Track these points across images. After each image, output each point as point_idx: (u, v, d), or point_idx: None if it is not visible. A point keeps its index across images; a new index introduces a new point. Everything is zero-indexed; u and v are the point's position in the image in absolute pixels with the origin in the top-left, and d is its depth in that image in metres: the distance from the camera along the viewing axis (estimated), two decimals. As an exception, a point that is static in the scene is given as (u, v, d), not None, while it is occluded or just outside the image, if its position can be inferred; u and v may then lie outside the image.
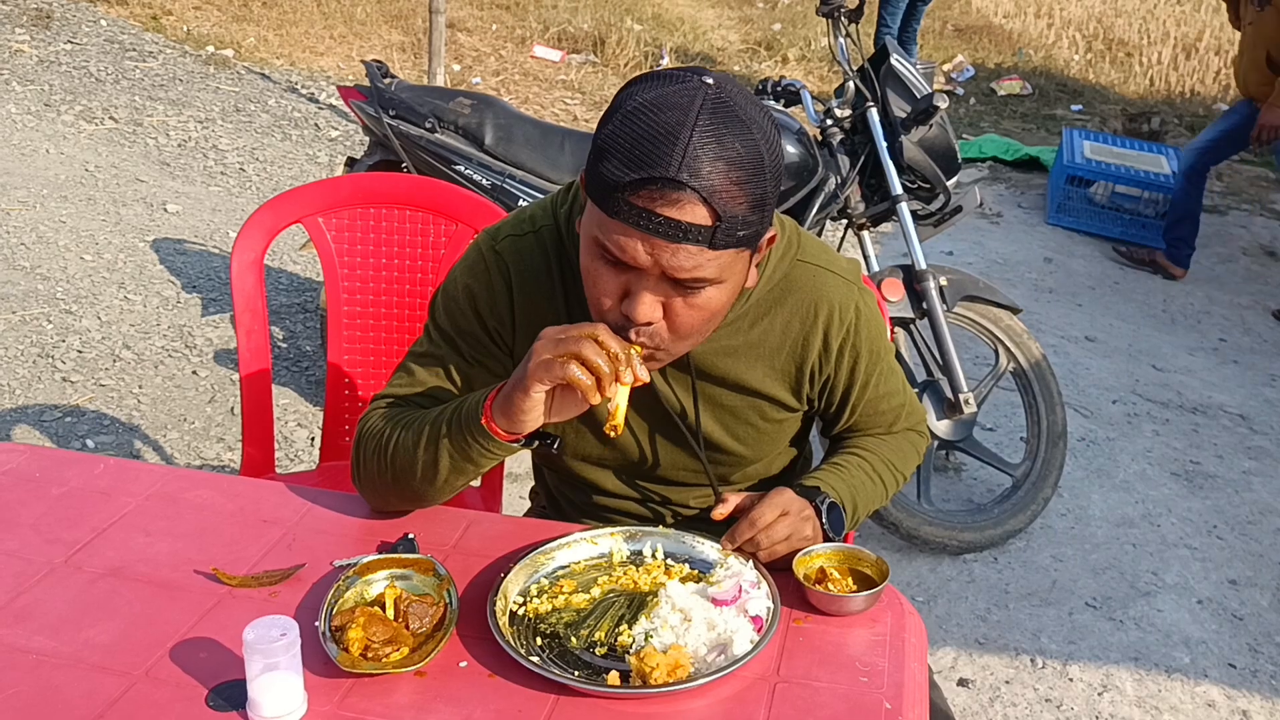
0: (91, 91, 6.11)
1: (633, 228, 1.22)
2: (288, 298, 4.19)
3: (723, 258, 1.25)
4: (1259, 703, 2.63)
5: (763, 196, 1.24)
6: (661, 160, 1.19)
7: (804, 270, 1.49)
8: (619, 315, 1.30)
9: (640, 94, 1.24)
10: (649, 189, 1.20)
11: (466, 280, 1.49)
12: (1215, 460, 3.76)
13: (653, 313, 1.28)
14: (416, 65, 7.08)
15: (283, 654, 1.13)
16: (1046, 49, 9.79)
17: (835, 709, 1.21)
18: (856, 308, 1.51)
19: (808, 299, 1.48)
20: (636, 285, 1.27)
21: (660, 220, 1.20)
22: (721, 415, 1.54)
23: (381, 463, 1.45)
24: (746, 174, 1.21)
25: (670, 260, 1.23)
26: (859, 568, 1.43)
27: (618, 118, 1.23)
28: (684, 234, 1.21)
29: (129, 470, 1.62)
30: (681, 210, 1.20)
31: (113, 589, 1.35)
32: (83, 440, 3.24)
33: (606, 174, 1.22)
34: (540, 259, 1.47)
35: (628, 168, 1.20)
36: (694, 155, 1.19)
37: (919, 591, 2.92)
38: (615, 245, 1.24)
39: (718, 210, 1.20)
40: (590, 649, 1.30)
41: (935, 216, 3.22)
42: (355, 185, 2.30)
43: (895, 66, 3.12)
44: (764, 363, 1.50)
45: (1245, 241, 6.13)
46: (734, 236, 1.24)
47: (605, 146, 1.23)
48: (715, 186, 1.20)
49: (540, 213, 1.50)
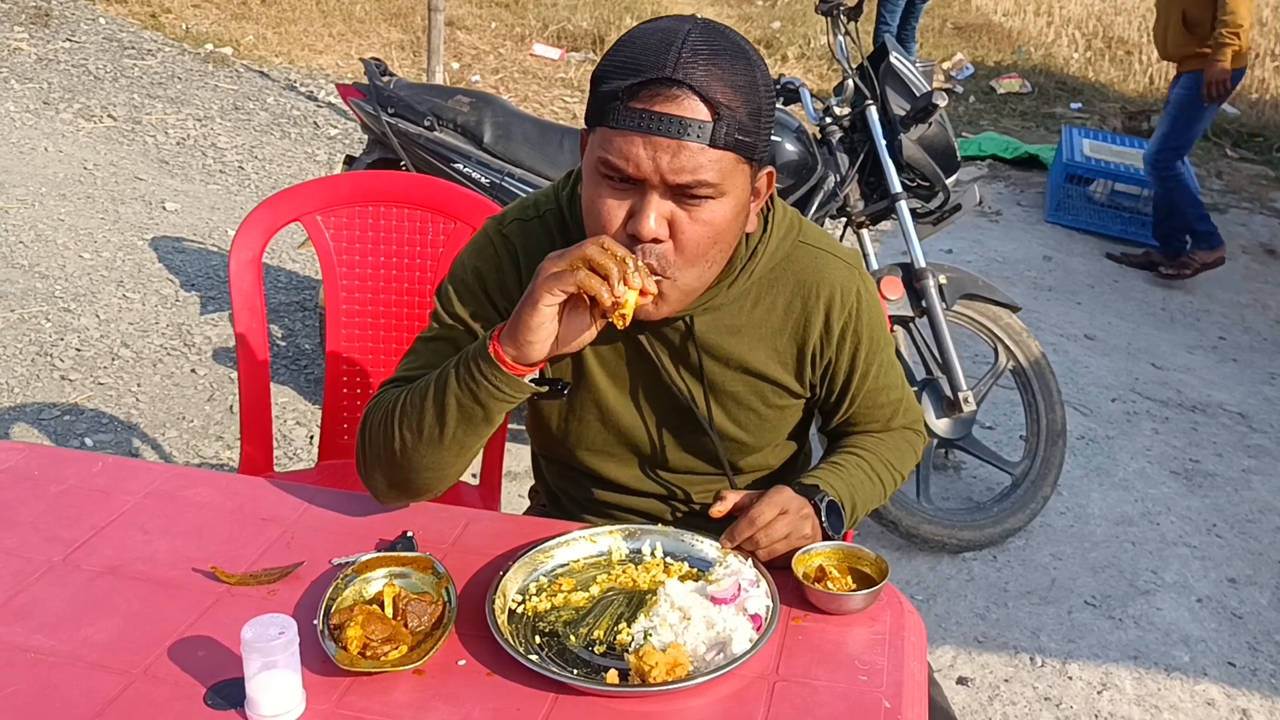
0: (90, 89, 6.10)
1: (634, 131, 1.26)
2: (286, 296, 4.18)
3: (723, 161, 1.28)
4: (1258, 701, 2.63)
5: (758, 109, 1.28)
6: (657, 63, 1.25)
7: (806, 252, 1.51)
8: (624, 238, 1.32)
9: (631, 31, 1.31)
10: (647, 90, 1.25)
11: (475, 263, 1.51)
12: (1214, 459, 3.75)
13: (659, 228, 1.30)
14: (415, 63, 7.07)
15: (281, 652, 1.13)
16: (1046, 47, 9.78)
17: (834, 708, 1.21)
18: (858, 292, 1.52)
19: (810, 280, 1.50)
20: (640, 202, 1.30)
21: (659, 116, 1.25)
22: (723, 400, 1.54)
23: (388, 431, 1.41)
24: (741, 80, 1.27)
25: (671, 162, 1.26)
26: (858, 566, 1.43)
27: (613, 48, 1.31)
28: (684, 128, 1.25)
29: (127, 468, 1.62)
30: (680, 106, 1.25)
31: (111, 587, 1.34)
32: (81, 438, 3.24)
33: (605, 91, 1.28)
34: (546, 241, 1.49)
35: (625, 77, 1.26)
36: (689, 57, 1.25)
37: (918, 590, 2.92)
38: (618, 154, 1.27)
39: (715, 106, 1.25)
40: (589, 647, 1.30)
41: (934, 215, 3.21)
42: (354, 183, 2.30)
43: (894, 64, 3.11)
44: (766, 344, 1.51)
45: (1245, 240, 6.13)
46: (733, 137, 1.27)
47: (602, 73, 1.30)
48: (711, 85, 1.25)
49: (544, 198, 1.53)
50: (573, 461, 1.64)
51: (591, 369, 1.53)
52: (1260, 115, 8.41)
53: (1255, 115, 8.40)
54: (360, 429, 1.49)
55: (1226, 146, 7.78)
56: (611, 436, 1.58)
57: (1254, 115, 8.40)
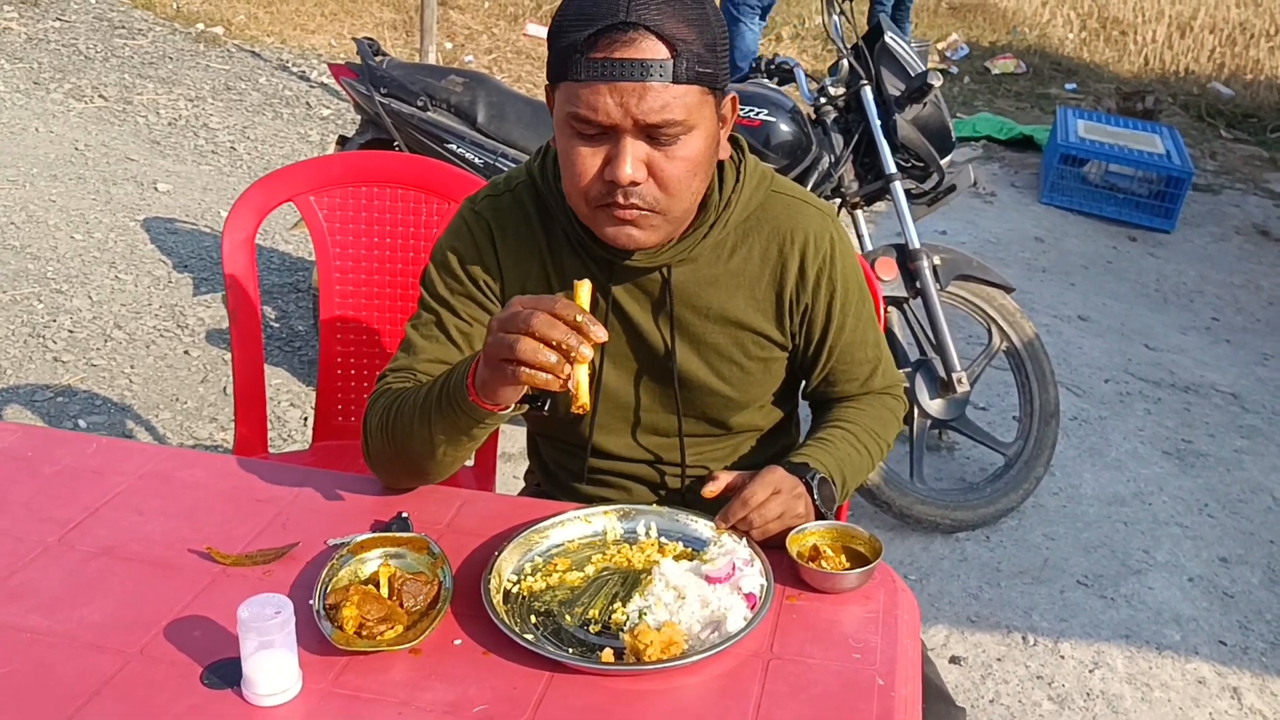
0: (81, 69, 6.07)
1: (598, 81, 1.28)
2: (280, 277, 4.17)
3: (689, 96, 1.30)
4: (1249, 679, 2.64)
5: (713, 40, 1.31)
6: (610, 9, 1.27)
7: (779, 200, 1.54)
8: (603, 186, 1.34)
9: None
10: (604, 39, 1.27)
11: (452, 244, 1.54)
12: (1207, 439, 3.77)
13: (636, 171, 1.32)
14: (408, 43, 7.03)
15: (277, 632, 1.13)
16: (1041, 27, 9.76)
17: (828, 685, 1.22)
18: (832, 238, 1.54)
19: (784, 226, 1.53)
20: (615, 149, 1.32)
21: (620, 63, 1.27)
22: (705, 352, 1.55)
23: (386, 440, 1.47)
24: (693, 14, 1.29)
25: (639, 105, 1.28)
26: (852, 545, 1.44)
27: (562, 3, 1.32)
28: (645, 70, 1.27)
29: (121, 449, 1.62)
30: (638, 48, 1.27)
31: (106, 568, 1.35)
32: (74, 420, 3.23)
33: (564, 44, 1.30)
34: (519, 212, 1.53)
35: (581, 28, 1.27)
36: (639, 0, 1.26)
37: (911, 570, 2.93)
38: (586, 106, 1.29)
39: (672, 43, 1.27)
40: (584, 627, 1.31)
41: (929, 195, 3.21)
42: (347, 164, 2.29)
43: (890, 44, 3.10)
44: (744, 292, 1.53)
45: (1238, 220, 6.13)
46: (694, 71, 1.29)
47: (557, 29, 1.32)
48: (665, 23, 1.27)
49: (515, 173, 1.56)
50: (563, 433, 1.65)
51: None
52: (1255, 96, 8.41)
53: (1249, 96, 8.40)
54: (363, 424, 1.53)
55: (1221, 127, 7.78)
56: (600, 401, 1.59)
57: (1248, 96, 8.40)
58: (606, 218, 1.38)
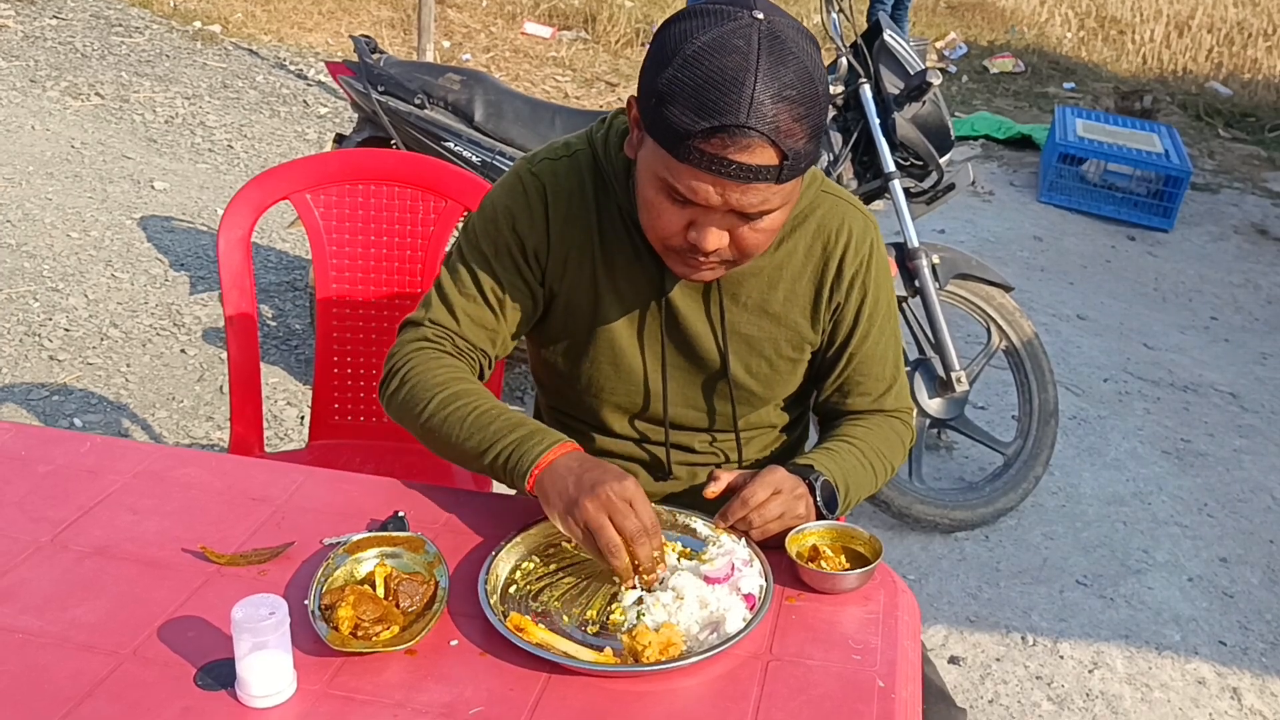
0: (77, 67, 6.05)
1: (705, 172, 1.27)
2: (277, 275, 4.16)
3: (787, 188, 1.31)
4: (1249, 680, 2.64)
5: (818, 125, 1.29)
6: (730, 108, 1.23)
7: (828, 200, 1.54)
8: (684, 242, 1.36)
9: (696, 36, 1.26)
10: (720, 136, 1.24)
11: (505, 201, 1.53)
12: (1206, 438, 3.76)
13: (720, 242, 1.34)
14: (406, 41, 7.02)
15: (271, 633, 1.12)
16: (1039, 26, 9.76)
17: (828, 687, 1.21)
18: (872, 244, 1.56)
19: (831, 225, 1.54)
20: (703, 219, 1.33)
21: (733, 165, 1.26)
22: (738, 344, 1.56)
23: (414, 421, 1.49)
24: (805, 108, 1.26)
25: (741, 199, 1.29)
26: (852, 545, 1.43)
27: (677, 62, 1.26)
28: (755, 175, 1.26)
29: (116, 448, 1.60)
30: (752, 154, 1.25)
31: (100, 568, 1.33)
32: (70, 419, 3.22)
33: (674, 121, 1.26)
34: (575, 180, 1.52)
35: (697, 116, 1.24)
36: (760, 100, 1.23)
37: (910, 569, 2.92)
38: (687, 189, 1.30)
39: (784, 150, 1.25)
40: (582, 627, 1.30)
41: (928, 194, 3.20)
42: (343, 161, 2.28)
43: (888, 43, 3.09)
44: (785, 286, 1.54)
45: (1237, 220, 6.13)
46: (799, 169, 1.30)
47: (668, 92, 1.26)
48: (780, 127, 1.24)
49: (576, 139, 1.56)
50: (578, 410, 1.66)
51: (607, 306, 1.54)
52: (1253, 95, 8.41)
53: (1248, 95, 8.40)
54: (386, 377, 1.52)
55: (1219, 126, 7.78)
56: (620, 382, 1.59)
57: (1246, 95, 8.40)
58: (679, 262, 1.41)
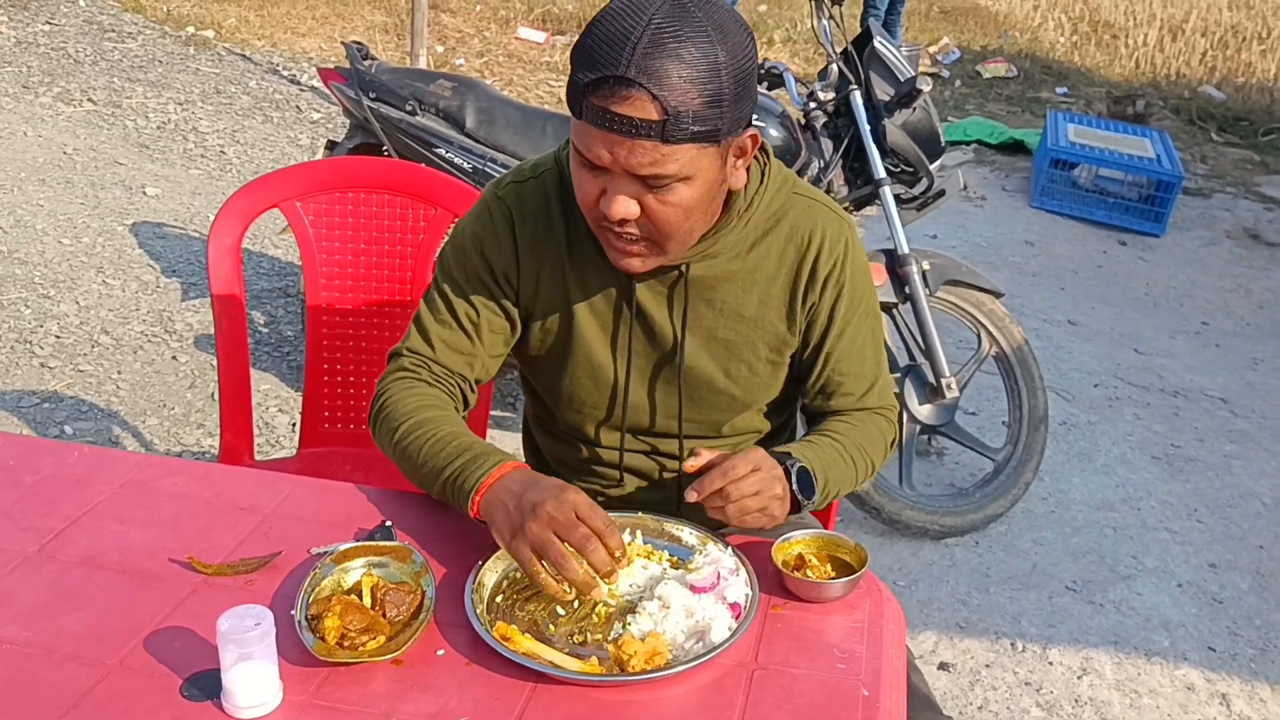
0: (70, 73, 6.05)
1: (594, 126, 1.30)
2: (269, 282, 4.16)
3: (680, 154, 1.30)
4: (1238, 686, 2.64)
5: (718, 94, 1.28)
6: (613, 60, 1.26)
7: (801, 201, 1.55)
8: (599, 213, 1.37)
9: (613, 4, 1.31)
10: (603, 88, 1.27)
11: (474, 227, 1.56)
12: (1196, 444, 3.77)
13: (625, 209, 1.35)
14: (399, 46, 7.02)
15: (257, 644, 1.12)
16: (1032, 31, 9.78)
17: (813, 696, 1.21)
18: (847, 243, 1.55)
19: (803, 226, 1.53)
20: (610, 185, 1.34)
21: (612, 116, 1.27)
22: (716, 349, 1.56)
23: (390, 448, 1.52)
24: (698, 72, 1.26)
25: (628, 157, 1.30)
26: (838, 554, 1.43)
27: (588, 26, 1.31)
28: (634, 129, 1.27)
29: (104, 458, 1.61)
30: (632, 106, 1.26)
31: (86, 578, 1.34)
32: (61, 427, 3.21)
33: (573, 79, 1.30)
34: (541, 200, 1.54)
35: (587, 69, 1.28)
36: (643, 54, 1.25)
37: (900, 576, 2.92)
38: (583, 145, 1.33)
39: (665, 105, 1.26)
40: (569, 636, 1.30)
41: (918, 200, 3.21)
42: (333, 169, 2.29)
43: (878, 49, 3.10)
44: (760, 289, 1.54)
45: (1229, 224, 6.14)
46: (686, 131, 1.28)
47: (574, 55, 1.31)
48: (663, 83, 1.25)
49: (544, 160, 1.58)
50: (565, 427, 1.66)
51: (581, 323, 1.55)
52: (1246, 99, 8.43)
53: (1241, 99, 8.42)
54: (372, 411, 1.56)
55: (1212, 131, 7.80)
56: (602, 396, 1.59)
57: (1240, 99, 8.42)
58: (607, 242, 1.43)
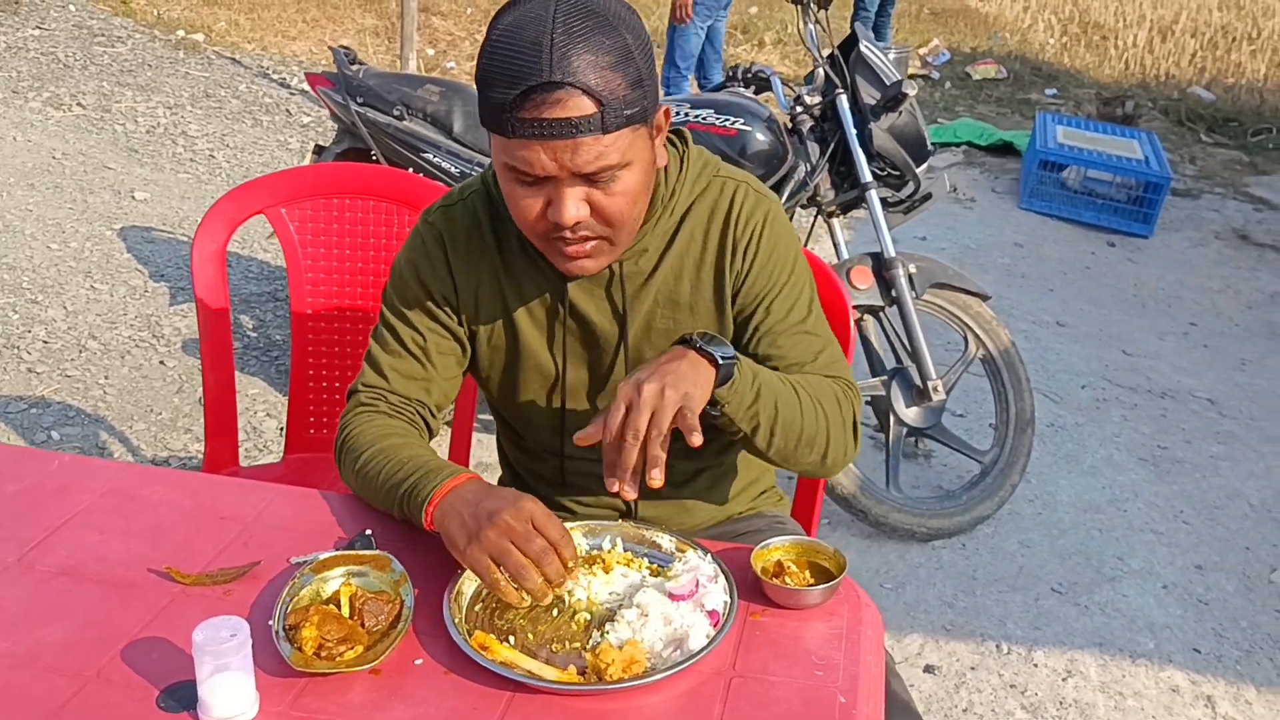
0: (59, 78, 6.04)
1: (531, 140, 1.29)
2: (258, 286, 4.16)
3: (620, 140, 1.32)
4: (1223, 688, 2.65)
5: (638, 76, 1.31)
6: (533, 69, 1.26)
7: (717, 182, 1.56)
8: (548, 225, 1.37)
9: (501, 22, 1.32)
10: (532, 99, 1.27)
11: (408, 256, 1.59)
12: (1183, 445, 3.78)
13: (578, 212, 1.35)
14: (390, 49, 7.03)
15: (233, 655, 1.12)
16: (1022, 32, 9.81)
17: (790, 703, 1.22)
18: (767, 214, 1.54)
19: (720, 204, 1.54)
20: (555, 192, 1.34)
21: (549, 123, 1.28)
22: (657, 339, 1.56)
23: (353, 479, 1.53)
24: (615, 58, 1.29)
25: (573, 158, 1.30)
26: (817, 560, 1.44)
27: (486, 48, 1.32)
28: (575, 128, 1.28)
29: (85, 467, 1.60)
30: (566, 107, 1.27)
31: (66, 588, 1.34)
32: (48, 432, 3.21)
33: (493, 100, 1.30)
34: (471, 220, 1.56)
35: (508, 87, 1.28)
36: (560, 54, 1.26)
37: (887, 579, 2.93)
38: (523, 162, 1.32)
39: (598, 96, 1.27)
40: (547, 645, 1.30)
41: (905, 204, 3.22)
42: (318, 175, 2.29)
43: (865, 53, 3.11)
44: (689, 274, 1.55)
45: (1218, 225, 6.16)
46: (622, 116, 1.30)
47: (484, 78, 1.31)
48: (589, 74, 1.27)
49: (471, 182, 1.60)
50: (531, 439, 1.67)
51: (524, 331, 1.57)
52: (1235, 100, 8.46)
53: (1230, 100, 8.45)
54: (336, 450, 1.57)
55: (1201, 131, 7.83)
56: (559, 404, 1.60)
57: (1228, 100, 8.45)
58: (557, 252, 1.42)
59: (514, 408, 1.64)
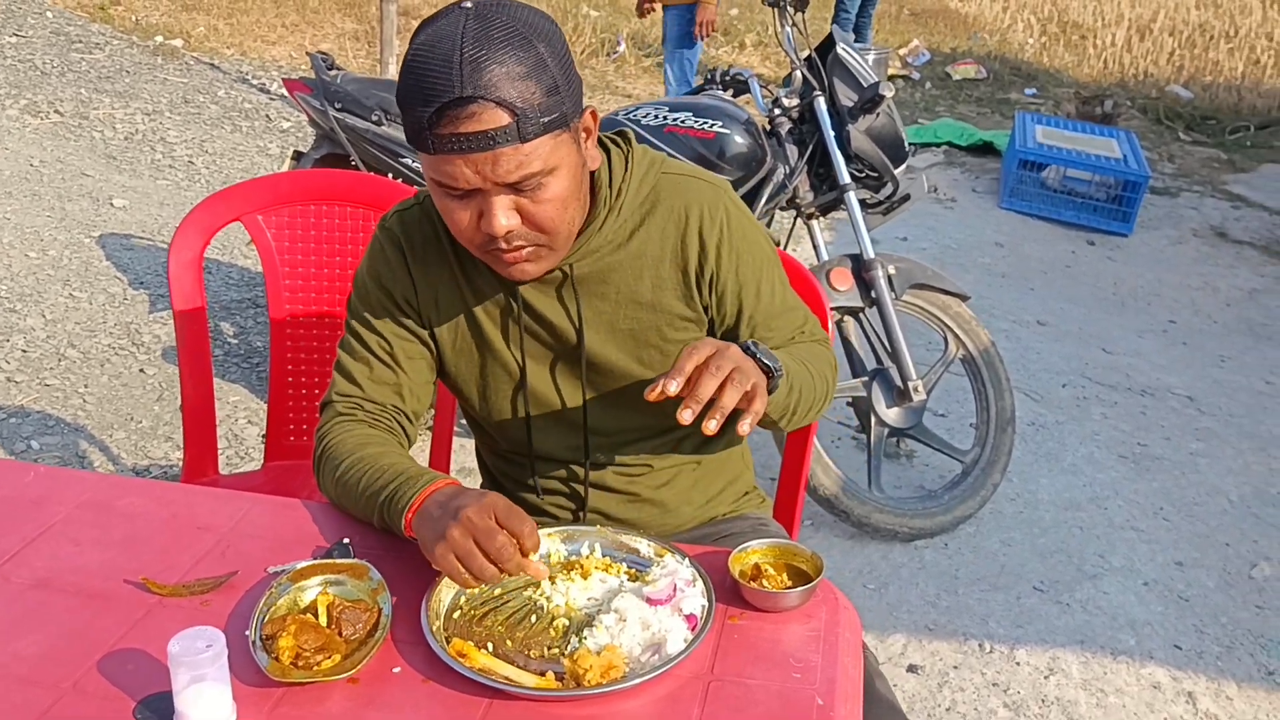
0: (37, 85, 6.01)
1: (452, 154, 1.31)
2: (238, 293, 4.14)
3: (540, 148, 1.33)
4: (1204, 684, 2.67)
5: (553, 83, 1.32)
6: (445, 86, 1.28)
7: (670, 180, 1.56)
8: (483, 236, 1.39)
9: (415, 41, 1.34)
10: (447, 115, 1.29)
11: (368, 264, 1.60)
12: (1163, 442, 3.80)
13: (508, 221, 1.37)
14: (370, 54, 7.02)
15: (209, 666, 1.12)
16: (1002, 32, 9.85)
17: (768, 706, 1.22)
18: (726, 207, 1.55)
19: (678, 204, 1.54)
20: (483, 204, 1.36)
21: (465, 137, 1.29)
22: (621, 338, 1.56)
23: (332, 489, 1.53)
24: (527, 68, 1.30)
25: (494, 170, 1.32)
26: (794, 563, 1.44)
27: (403, 68, 1.34)
28: (492, 140, 1.30)
29: (60, 478, 1.60)
30: (480, 121, 1.29)
31: (41, 600, 1.33)
32: (27, 441, 3.19)
33: (412, 120, 1.32)
34: (427, 225, 1.57)
35: (424, 105, 1.30)
36: (471, 69, 1.27)
37: (870, 579, 2.94)
38: (447, 177, 1.34)
39: (511, 106, 1.29)
40: (525, 651, 1.30)
41: (884, 205, 3.23)
42: (295, 182, 2.28)
43: (842, 55, 3.12)
44: (650, 272, 1.55)
45: (1196, 223, 6.21)
46: (539, 124, 1.32)
47: (403, 97, 1.34)
48: (501, 85, 1.28)
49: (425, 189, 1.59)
50: (504, 442, 1.68)
51: (485, 330, 1.57)
52: (1213, 98, 8.52)
53: (1208, 98, 8.51)
54: (314, 463, 1.57)
55: (1179, 130, 7.88)
56: (528, 404, 1.61)
57: (1207, 98, 8.51)
58: (496, 260, 1.43)
59: (484, 411, 1.65)
